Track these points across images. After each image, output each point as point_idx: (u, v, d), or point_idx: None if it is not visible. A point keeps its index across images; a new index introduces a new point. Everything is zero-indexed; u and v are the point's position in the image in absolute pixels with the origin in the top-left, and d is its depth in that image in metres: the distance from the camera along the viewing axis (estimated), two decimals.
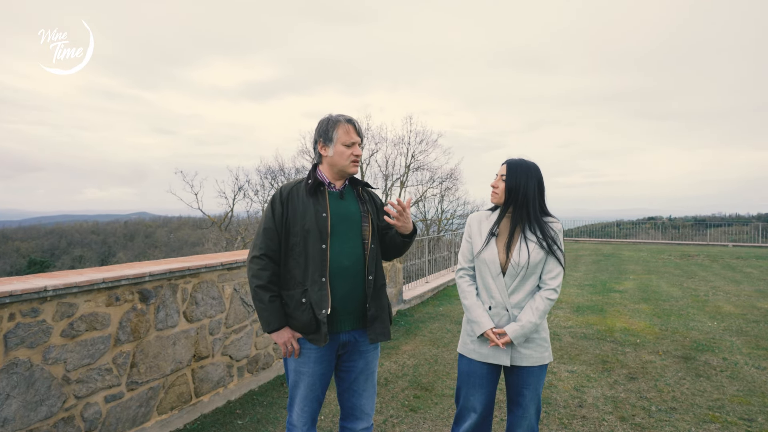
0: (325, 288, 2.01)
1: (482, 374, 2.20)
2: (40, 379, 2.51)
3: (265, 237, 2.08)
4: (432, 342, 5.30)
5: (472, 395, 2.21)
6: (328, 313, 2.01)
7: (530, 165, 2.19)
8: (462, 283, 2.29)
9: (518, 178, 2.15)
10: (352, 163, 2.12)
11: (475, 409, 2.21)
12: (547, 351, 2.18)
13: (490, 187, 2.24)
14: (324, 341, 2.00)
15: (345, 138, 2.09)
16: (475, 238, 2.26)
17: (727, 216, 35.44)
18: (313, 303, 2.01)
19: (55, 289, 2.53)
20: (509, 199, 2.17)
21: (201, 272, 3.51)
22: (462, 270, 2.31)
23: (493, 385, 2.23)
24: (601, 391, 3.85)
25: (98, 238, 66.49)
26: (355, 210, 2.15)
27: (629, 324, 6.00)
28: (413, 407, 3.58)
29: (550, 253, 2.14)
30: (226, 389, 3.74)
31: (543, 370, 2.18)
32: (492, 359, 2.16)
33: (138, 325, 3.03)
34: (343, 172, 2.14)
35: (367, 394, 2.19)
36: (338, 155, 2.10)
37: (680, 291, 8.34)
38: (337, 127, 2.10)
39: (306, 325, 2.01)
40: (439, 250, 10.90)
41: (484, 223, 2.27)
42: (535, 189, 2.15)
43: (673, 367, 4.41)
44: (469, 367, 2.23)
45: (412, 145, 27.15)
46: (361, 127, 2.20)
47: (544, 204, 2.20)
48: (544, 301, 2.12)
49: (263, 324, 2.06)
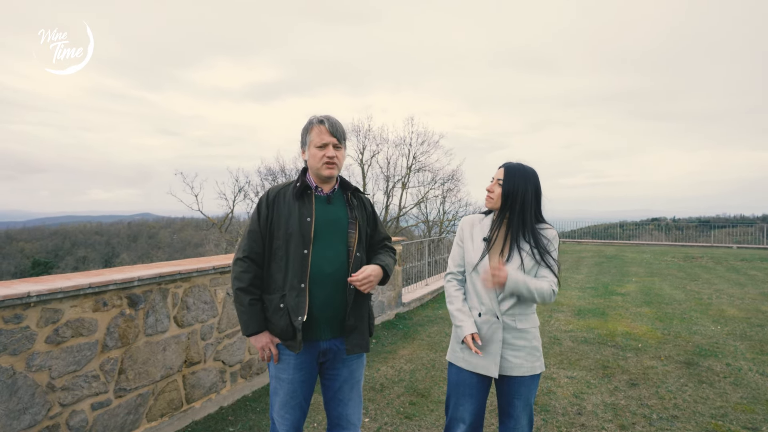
0: (303, 294, 1.95)
1: (471, 384, 2.12)
2: (24, 386, 2.45)
3: (250, 239, 2.03)
4: (430, 346, 5.23)
5: (461, 405, 2.14)
6: (304, 320, 1.94)
7: (528, 170, 2.12)
8: (449, 287, 2.23)
9: (516, 184, 2.08)
10: (325, 165, 2.01)
11: (464, 420, 2.14)
12: (538, 360, 2.11)
13: (486, 191, 2.17)
14: (299, 348, 1.95)
15: (317, 140, 2.01)
16: (466, 243, 2.20)
17: (731, 217, 35.23)
18: (290, 309, 1.96)
19: (39, 294, 2.47)
20: (505, 204, 2.10)
21: (192, 276, 3.45)
22: (450, 274, 2.25)
23: (483, 395, 2.15)
24: (601, 398, 3.77)
25: (102, 239, 66.68)
26: (343, 216, 2.08)
27: (631, 328, 5.91)
28: (408, 414, 3.50)
29: (542, 262, 2.07)
30: (218, 395, 3.68)
31: (535, 380, 2.11)
32: (480, 369, 2.08)
33: (126, 330, 2.97)
34: (319, 175, 2.05)
35: (353, 403, 2.12)
36: (311, 158, 2.03)
37: (683, 294, 8.24)
38: (311, 129, 2.04)
39: (283, 330, 1.97)
40: (440, 252, 10.81)
41: (476, 227, 2.20)
42: (532, 196, 2.09)
43: (675, 373, 4.33)
44: (458, 376, 2.16)
45: (414, 146, 27.12)
46: (341, 127, 2.06)
47: (539, 211, 2.13)
48: (548, 285, 2.01)
49: (242, 327, 2.01)
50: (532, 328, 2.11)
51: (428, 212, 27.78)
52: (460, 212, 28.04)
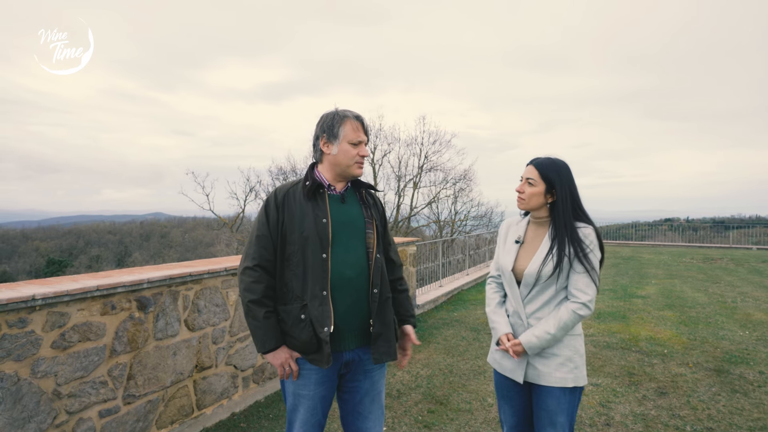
0: (326, 303, 1.80)
1: (506, 386, 2.09)
2: (29, 393, 2.34)
3: (259, 245, 1.86)
4: (446, 350, 5.07)
5: (501, 407, 2.14)
6: (331, 330, 1.80)
7: (560, 164, 1.98)
8: (488, 290, 2.20)
9: (550, 180, 1.95)
10: (356, 164, 1.89)
11: (507, 422, 2.11)
12: (571, 373, 1.92)
13: (515, 192, 2.03)
14: (327, 363, 1.78)
15: (352, 135, 1.87)
16: (500, 245, 2.14)
17: (747, 217, 34.51)
18: (313, 320, 1.79)
19: (45, 297, 2.36)
20: (540, 203, 1.99)
21: (204, 278, 3.34)
22: (491, 278, 2.22)
23: (522, 399, 2.06)
24: (629, 408, 3.58)
25: (115, 238, 67.38)
26: (359, 215, 1.94)
27: (654, 332, 5.69)
28: (427, 423, 3.35)
29: (577, 262, 1.91)
30: (230, 401, 3.56)
31: (565, 393, 1.92)
32: (508, 373, 2.03)
33: (135, 334, 2.86)
34: (347, 173, 1.92)
35: (374, 416, 1.97)
36: (343, 154, 1.88)
37: (706, 297, 7.98)
38: (344, 122, 1.88)
39: (306, 344, 1.80)
40: (453, 252, 10.64)
41: (512, 229, 2.13)
42: (567, 191, 1.94)
43: (705, 381, 4.12)
44: (497, 378, 2.14)
45: (425, 146, 26.87)
46: (369, 126, 1.97)
47: (578, 208, 1.97)
48: (569, 313, 1.90)
49: (257, 344, 1.84)
50: (568, 336, 1.95)
51: (439, 212, 27.56)
52: (472, 212, 27.79)
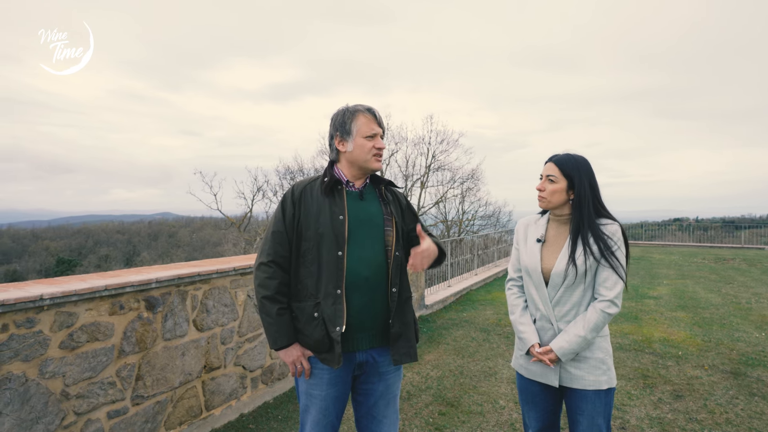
0: (340, 301, 1.76)
1: (535, 392, 2.03)
2: (36, 394, 2.32)
3: (274, 241, 1.84)
4: (456, 351, 5.01)
5: (527, 412, 2.09)
6: (343, 330, 1.75)
7: (579, 160, 1.93)
8: (509, 296, 2.12)
9: (571, 177, 1.90)
10: (374, 157, 1.85)
11: (532, 426, 2.06)
12: (604, 375, 1.90)
13: (536, 190, 1.98)
14: (338, 363, 1.74)
15: (365, 129, 1.84)
16: (521, 245, 2.06)
17: (758, 217, 34.07)
18: (326, 318, 1.76)
19: (53, 297, 2.34)
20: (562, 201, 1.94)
21: (212, 278, 3.30)
22: (511, 281, 2.14)
23: (548, 404, 2.02)
24: (645, 411, 3.51)
25: (123, 238, 67.86)
26: (377, 212, 1.89)
27: (668, 334, 5.60)
28: (439, 426, 3.30)
29: (603, 259, 1.86)
30: (238, 401, 3.53)
31: (600, 396, 1.89)
32: (540, 378, 1.97)
33: (144, 335, 2.83)
34: (366, 168, 1.88)
35: (388, 420, 1.93)
36: (359, 149, 1.84)
37: (719, 298, 7.85)
38: (356, 117, 1.85)
39: (318, 342, 1.77)
40: (462, 252, 10.57)
41: (531, 228, 2.06)
42: (588, 187, 1.89)
43: (722, 383, 4.03)
44: (521, 383, 2.09)
45: (433, 145, 26.79)
46: (382, 118, 1.93)
47: (599, 204, 1.92)
48: (597, 313, 1.85)
49: (270, 340, 1.81)
50: (598, 338, 1.91)
51: (447, 212, 27.45)
52: (480, 212, 27.65)
